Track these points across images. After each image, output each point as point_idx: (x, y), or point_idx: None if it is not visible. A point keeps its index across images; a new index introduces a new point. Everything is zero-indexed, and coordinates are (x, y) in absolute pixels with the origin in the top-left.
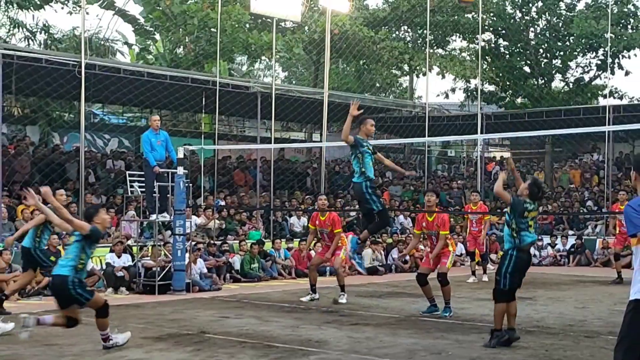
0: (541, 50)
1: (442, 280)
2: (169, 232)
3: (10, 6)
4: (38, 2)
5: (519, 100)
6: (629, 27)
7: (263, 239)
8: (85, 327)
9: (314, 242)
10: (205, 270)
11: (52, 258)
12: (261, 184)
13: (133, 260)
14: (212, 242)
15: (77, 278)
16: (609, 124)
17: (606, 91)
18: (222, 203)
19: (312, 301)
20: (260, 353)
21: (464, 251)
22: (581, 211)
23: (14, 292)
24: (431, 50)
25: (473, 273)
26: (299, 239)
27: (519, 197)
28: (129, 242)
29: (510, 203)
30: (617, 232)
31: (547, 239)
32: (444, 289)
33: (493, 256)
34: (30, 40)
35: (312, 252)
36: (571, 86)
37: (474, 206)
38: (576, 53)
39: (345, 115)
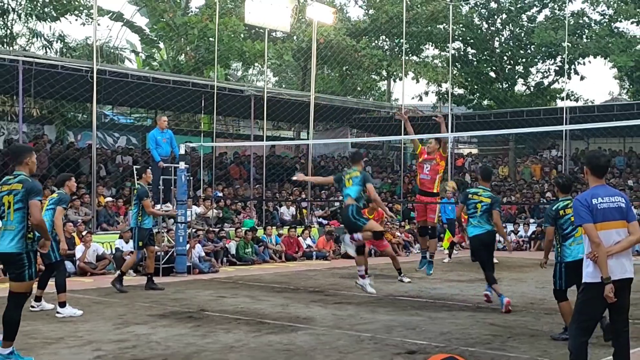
0: (505, 58)
1: (432, 234)
2: (172, 220)
3: (30, 18)
4: (54, 15)
5: (485, 102)
6: (584, 37)
7: (256, 227)
8: (97, 305)
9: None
10: (203, 254)
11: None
12: (254, 177)
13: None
14: (210, 229)
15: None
16: (566, 124)
17: (563, 94)
18: (220, 194)
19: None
20: (253, 329)
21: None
22: (541, 201)
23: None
24: (407, 58)
25: (449, 255)
26: (288, 227)
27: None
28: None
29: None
30: None
31: (510, 227)
32: (431, 241)
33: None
34: (47, 48)
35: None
36: (532, 90)
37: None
38: (537, 60)
39: (330, 115)
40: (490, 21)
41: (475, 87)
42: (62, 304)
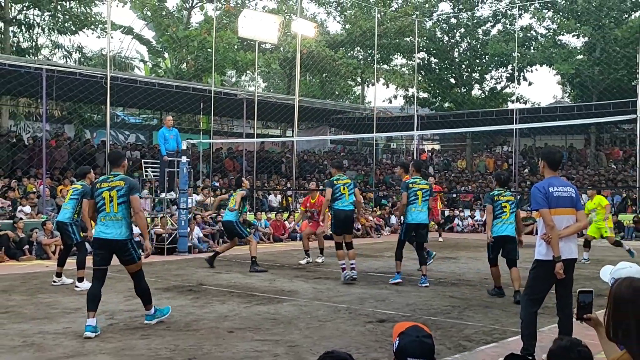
0: (463, 66)
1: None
2: (175, 206)
3: (52, 32)
4: (74, 29)
5: (446, 104)
6: (532, 48)
7: (247, 212)
8: (109, 279)
9: (301, 220)
10: (202, 236)
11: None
12: (246, 169)
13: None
14: (208, 214)
15: None
16: (515, 123)
17: (513, 97)
18: (217, 184)
19: (307, 264)
20: (244, 300)
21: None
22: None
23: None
24: (378, 66)
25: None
26: (275, 212)
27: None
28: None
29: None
30: None
31: (467, 212)
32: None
33: None
34: (67, 58)
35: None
36: (486, 94)
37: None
38: (490, 68)
39: (312, 116)
40: (450, 34)
41: (437, 91)
42: (80, 279)
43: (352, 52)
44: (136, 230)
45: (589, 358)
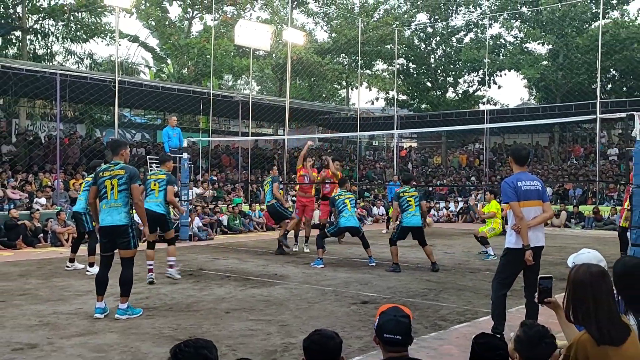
0: (439, 71)
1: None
2: (177, 198)
3: (66, 40)
4: (85, 37)
5: (423, 106)
6: (501, 54)
7: (243, 203)
8: (117, 265)
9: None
10: (201, 225)
11: None
12: (241, 165)
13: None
14: (207, 205)
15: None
16: (486, 123)
17: (484, 99)
18: (215, 178)
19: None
20: (240, 284)
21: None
22: (467, 184)
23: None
24: (361, 71)
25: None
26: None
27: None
28: None
29: None
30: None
31: (442, 203)
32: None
33: None
34: (79, 64)
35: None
36: (460, 96)
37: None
38: (463, 73)
39: (301, 116)
40: (427, 42)
41: (415, 94)
42: (91, 264)
43: (337, 59)
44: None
45: (555, 348)
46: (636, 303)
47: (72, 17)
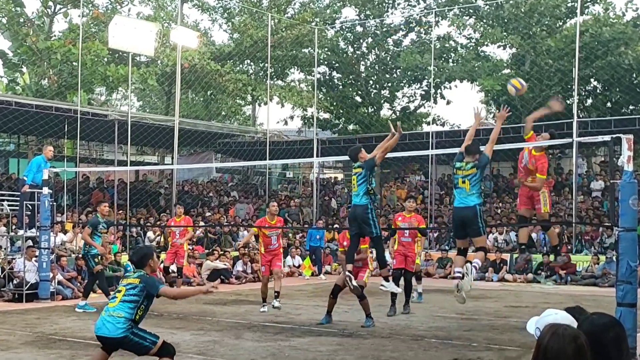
0: (371, 82)
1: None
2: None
3: None
4: None
5: (351, 126)
6: (450, 60)
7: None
8: None
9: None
10: (65, 279)
11: None
12: (117, 202)
13: (2, 272)
14: (78, 255)
15: None
16: (432, 149)
17: (429, 119)
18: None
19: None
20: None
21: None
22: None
23: None
24: (271, 82)
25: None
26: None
27: None
28: None
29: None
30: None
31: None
32: (362, 302)
33: None
34: None
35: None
36: (398, 114)
37: (407, 215)
38: (403, 84)
39: (194, 140)
40: (355, 45)
41: (341, 111)
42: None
43: (241, 66)
44: None
45: (625, 339)
46: None
47: None
